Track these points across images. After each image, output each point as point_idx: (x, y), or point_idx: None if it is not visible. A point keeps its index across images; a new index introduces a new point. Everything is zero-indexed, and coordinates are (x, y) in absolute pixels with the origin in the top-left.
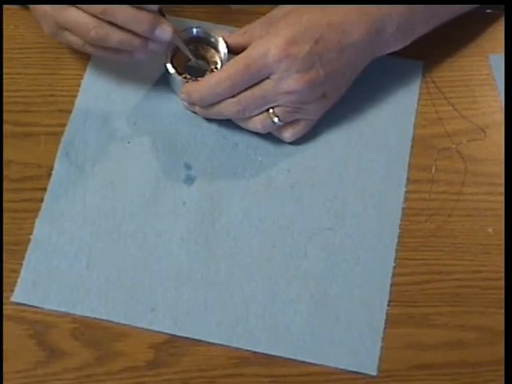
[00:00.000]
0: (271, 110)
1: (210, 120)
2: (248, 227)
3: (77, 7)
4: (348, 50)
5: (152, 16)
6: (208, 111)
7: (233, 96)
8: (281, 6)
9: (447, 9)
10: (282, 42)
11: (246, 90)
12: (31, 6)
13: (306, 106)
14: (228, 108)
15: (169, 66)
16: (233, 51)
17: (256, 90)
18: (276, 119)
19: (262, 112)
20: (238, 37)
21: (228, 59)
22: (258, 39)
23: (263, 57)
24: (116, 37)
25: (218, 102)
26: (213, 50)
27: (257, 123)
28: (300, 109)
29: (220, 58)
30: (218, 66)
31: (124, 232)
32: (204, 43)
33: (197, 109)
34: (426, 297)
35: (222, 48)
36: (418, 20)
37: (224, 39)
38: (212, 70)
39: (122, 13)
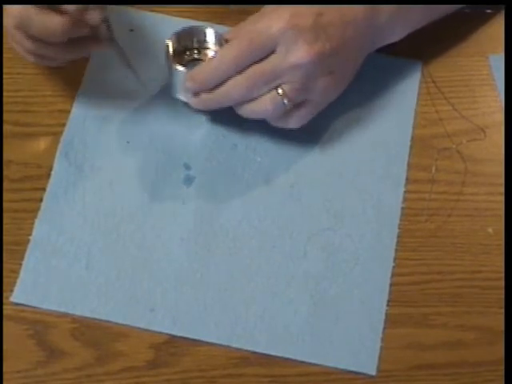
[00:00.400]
0: (280, 91)
1: (209, 120)
2: (247, 227)
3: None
4: (350, 26)
5: (65, 24)
6: (215, 95)
7: (240, 74)
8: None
9: None
10: (285, 14)
11: (252, 67)
12: None
13: (313, 82)
14: (236, 87)
15: (174, 63)
16: None
17: (264, 64)
18: (285, 100)
19: (270, 92)
20: (232, 33)
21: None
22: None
23: (267, 29)
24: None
25: (225, 83)
26: (209, 50)
27: (267, 103)
28: (307, 86)
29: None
30: None
31: (123, 232)
32: (199, 47)
33: (203, 97)
34: (426, 297)
35: (212, 38)
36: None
37: (214, 31)
38: None
39: (35, 27)
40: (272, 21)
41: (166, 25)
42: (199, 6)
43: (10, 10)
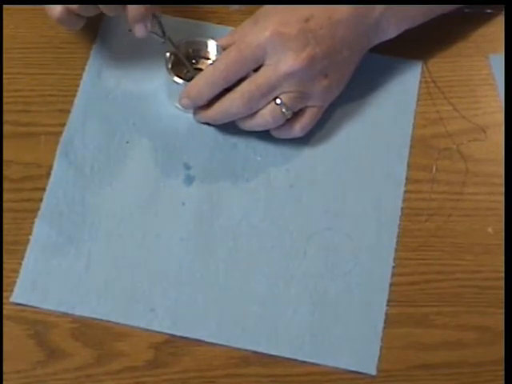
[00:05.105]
0: (278, 101)
1: None
2: (247, 227)
3: None
4: (340, 26)
5: None
6: (214, 113)
7: (234, 90)
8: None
9: None
10: (272, 24)
11: (246, 81)
12: None
13: (310, 88)
14: (233, 104)
15: (172, 75)
16: None
17: (257, 78)
18: (284, 109)
19: (268, 103)
20: (227, 37)
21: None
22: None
23: (256, 39)
24: None
25: (221, 99)
26: (209, 61)
27: (266, 115)
28: (304, 93)
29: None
30: None
31: (123, 232)
32: (200, 57)
33: (203, 114)
34: (426, 297)
35: (213, 49)
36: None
37: (215, 41)
38: None
39: None
40: (259, 32)
41: (166, 25)
42: (199, 6)
43: None
